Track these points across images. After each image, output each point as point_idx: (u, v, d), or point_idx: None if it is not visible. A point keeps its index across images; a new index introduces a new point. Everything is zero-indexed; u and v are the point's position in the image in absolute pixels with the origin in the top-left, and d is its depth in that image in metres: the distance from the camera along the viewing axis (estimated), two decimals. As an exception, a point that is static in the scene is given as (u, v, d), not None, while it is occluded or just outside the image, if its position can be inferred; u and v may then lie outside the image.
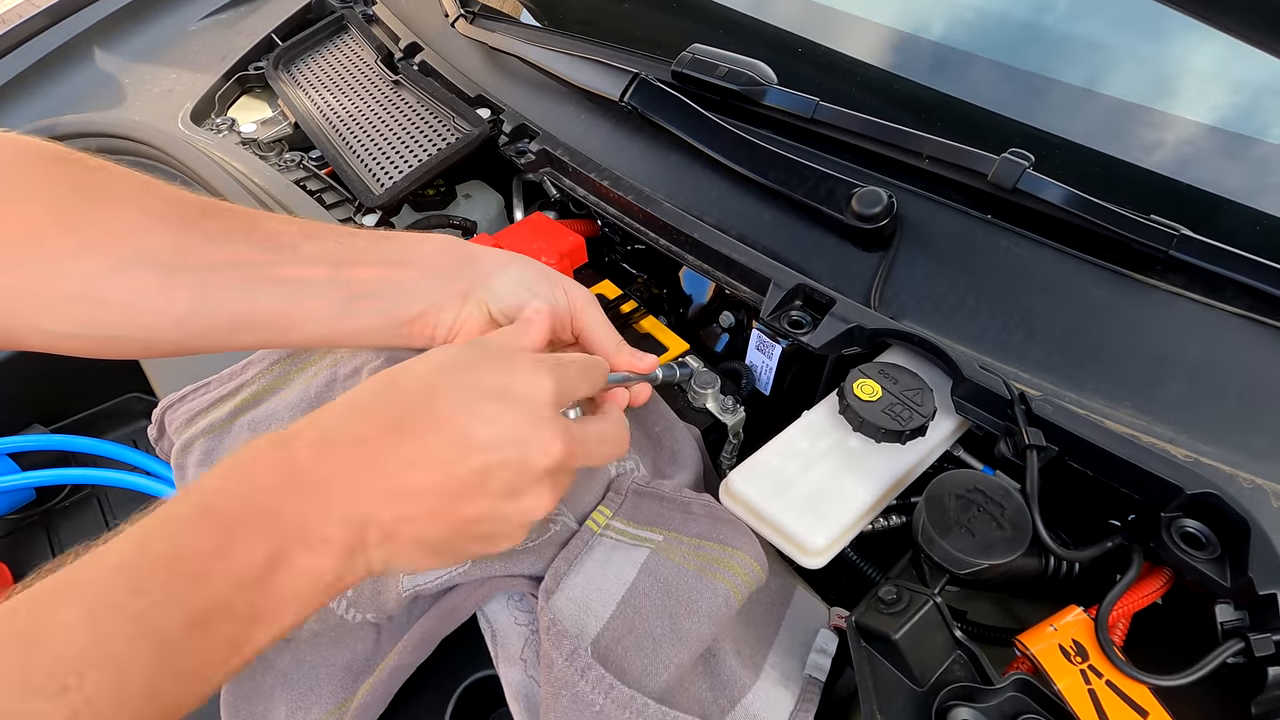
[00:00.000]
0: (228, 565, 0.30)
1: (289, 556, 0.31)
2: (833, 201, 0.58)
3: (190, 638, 0.28)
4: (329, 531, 0.32)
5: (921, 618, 0.42)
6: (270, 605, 0.31)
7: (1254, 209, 0.52)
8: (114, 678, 0.26)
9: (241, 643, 0.30)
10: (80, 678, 0.26)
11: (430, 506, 0.34)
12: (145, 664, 0.27)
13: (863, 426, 0.49)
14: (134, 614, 0.27)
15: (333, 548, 0.32)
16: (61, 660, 0.26)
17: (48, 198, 0.40)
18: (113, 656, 0.27)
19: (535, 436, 0.36)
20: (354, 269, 0.46)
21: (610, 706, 0.35)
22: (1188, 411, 0.47)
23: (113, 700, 0.26)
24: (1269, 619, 0.39)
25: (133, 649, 0.27)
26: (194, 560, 0.29)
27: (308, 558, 0.31)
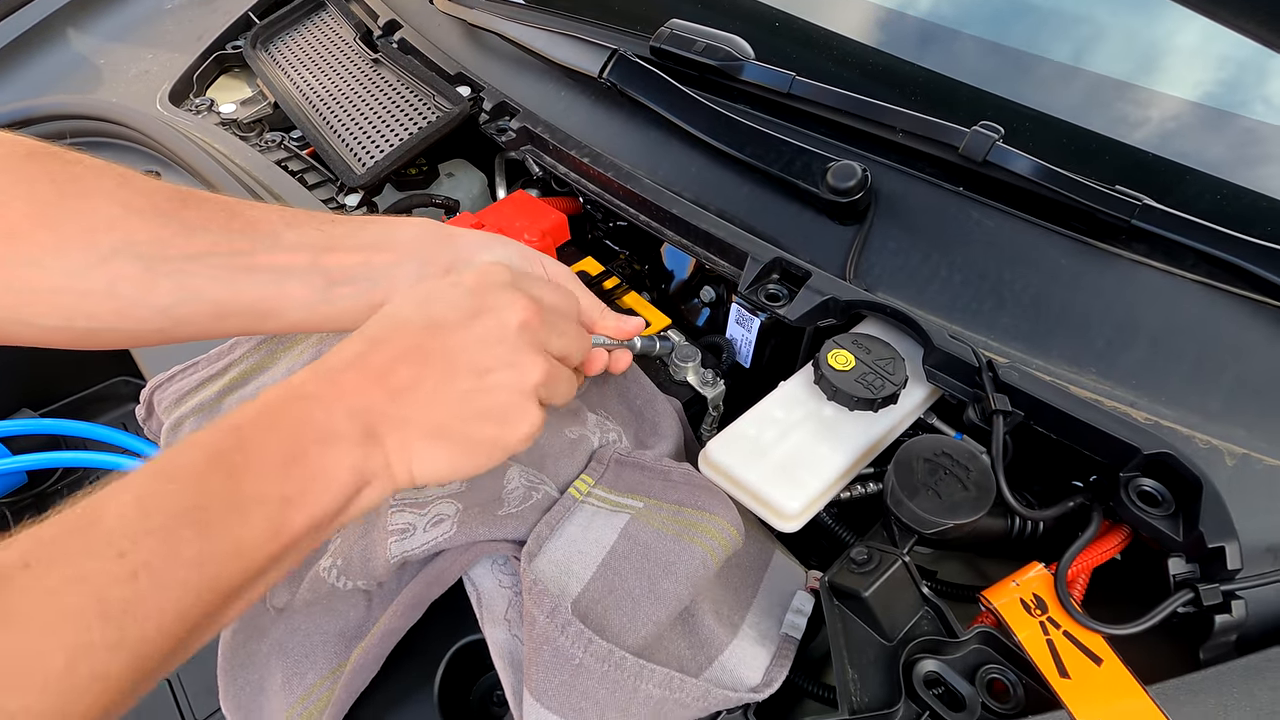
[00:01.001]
0: (248, 461, 0.33)
1: (304, 451, 0.34)
2: (809, 176, 0.59)
3: (229, 520, 0.31)
4: (336, 425, 0.36)
5: (890, 576, 0.44)
6: (299, 492, 0.34)
7: (1215, 177, 0.53)
8: (165, 547, 0.30)
9: (280, 526, 0.33)
10: (135, 544, 0.29)
11: (425, 391, 0.38)
12: (191, 540, 0.30)
13: (836, 395, 0.51)
14: (175, 501, 0.31)
15: (346, 439, 0.36)
16: (116, 533, 0.29)
17: (25, 194, 0.40)
18: (161, 530, 0.30)
19: (496, 301, 0.40)
20: (334, 255, 0.46)
21: (589, 660, 0.37)
22: (1148, 376, 0.49)
23: (166, 565, 0.29)
24: (1217, 570, 0.41)
25: (178, 525, 0.30)
26: (219, 460, 0.33)
27: (322, 450, 0.35)
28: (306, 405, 0.36)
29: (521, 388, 0.40)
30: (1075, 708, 0.38)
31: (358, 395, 0.37)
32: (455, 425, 0.39)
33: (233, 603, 0.33)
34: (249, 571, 0.32)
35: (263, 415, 0.35)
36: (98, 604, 0.28)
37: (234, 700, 0.50)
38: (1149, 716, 0.37)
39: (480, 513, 0.45)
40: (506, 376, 0.40)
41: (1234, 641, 0.41)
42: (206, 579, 0.31)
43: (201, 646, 0.33)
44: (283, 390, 0.37)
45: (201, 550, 0.30)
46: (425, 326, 0.40)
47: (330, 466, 0.35)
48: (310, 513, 0.34)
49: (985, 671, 0.42)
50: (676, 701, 0.39)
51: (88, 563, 0.28)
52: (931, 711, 0.40)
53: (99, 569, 0.28)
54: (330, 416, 0.36)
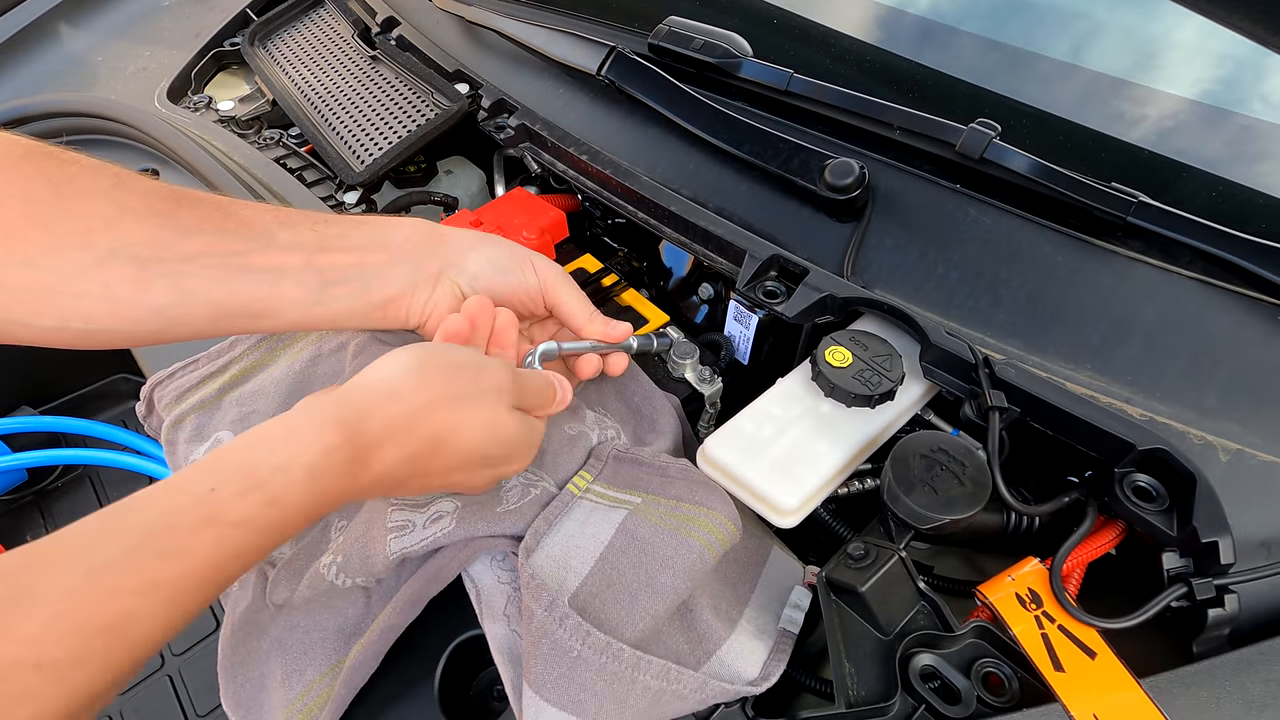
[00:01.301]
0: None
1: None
2: (806, 173, 0.59)
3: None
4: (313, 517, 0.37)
5: (887, 571, 0.45)
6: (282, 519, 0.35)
7: (1212, 174, 0.54)
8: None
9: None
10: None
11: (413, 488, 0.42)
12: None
13: (834, 392, 0.51)
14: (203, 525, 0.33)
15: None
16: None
17: (21, 194, 0.40)
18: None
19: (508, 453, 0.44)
20: (328, 255, 0.47)
21: (587, 652, 0.37)
22: (1144, 372, 0.49)
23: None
24: (1210, 565, 0.41)
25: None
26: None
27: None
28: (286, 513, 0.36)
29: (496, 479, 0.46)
30: (1069, 701, 0.38)
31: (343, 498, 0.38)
32: (425, 491, 0.45)
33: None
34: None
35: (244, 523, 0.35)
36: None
37: (234, 697, 0.50)
38: (1142, 709, 0.38)
39: (479, 509, 0.45)
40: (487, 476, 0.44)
41: (1227, 635, 0.41)
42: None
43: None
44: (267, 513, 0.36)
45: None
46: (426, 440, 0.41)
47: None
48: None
49: (981, 665, 0.42)
50: (674, 694, 0.39)
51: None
52: (927, 705, 0.41)
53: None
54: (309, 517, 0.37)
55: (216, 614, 0.83)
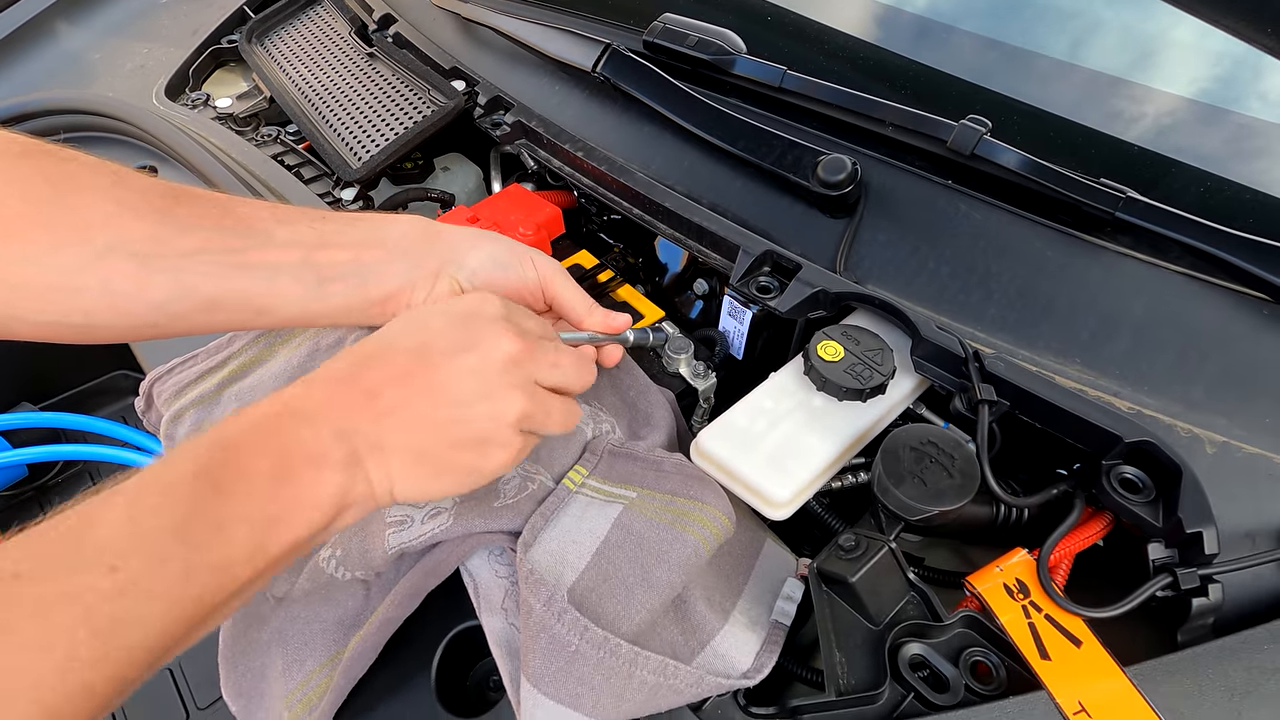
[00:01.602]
0: (237, 478, 0.34)
1: (292, 471, 0.35)
2: (799, 169, 0.60)
3: (216, 538, 0.32)
4: (322, 447, 0.36)
5: (877, 562, 0.45)
6: (284, 513, 0.35)
7: (1200, 170, 0.54)
8: (153, 564, 0.30)
9: (262, 545, 0.34)
10: (124, 559, 0.30)
11: (408, 416, 0.39)
12: (178, 555, 0.31)
13: (826, 386, 0.52)
14: (165, 516, 0.31)
15: (330, 460, 0.36)
16: (108, 547, 0.30)
17: (19, 192, 0.41)
18: (150, 547, 0.31)
19: (484, 334, 0.41)
20: (326, 252, 0.47)
21: (585, 647, 0.38)
22: (1132, 366, 0.50)
23: (154, 581, 0.30)
24: (1195, 555, 0.42)
25: (167, 541, 0.31)
26: (209, 476, 0.33)
27: (307, 471, 0.36)
28: (296, 424, 0.37)
29: (501, 420, 0.41)
30: (1055, 688, 0.39)
31: (345, 415, 0.38)
32: (435, 451, 0.40)
33: (213, 616, 0.33)
34: (231, 587, 0.33)
35: (254, 431, 0.36)
36: (87, 619, 0.28)
37: (234, 687, 0.50)
38: (1126, 696, 0.38)
39: (476, 504, 0.46)
40: (486, 409, 0.41)
41: (1211, 624, 0.42)
42: (191, 594, 0.31)
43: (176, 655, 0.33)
44: (275, 405, 0.37)
45: (188, 566, 0.31)
46: (414, 352, 0.41)
47: (316, 489, 0.36)
48: (294, 533, 0.35)
49: (969, 654, 0.43)
50: (670, 688, 0.40)
51: (78, 577, 0.29)
52: (916, 693, 0.41)
53: (89, 584, 0.29)
54: (318, 437, 0.37)
55: (217, 608, 0.83)
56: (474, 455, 0.41)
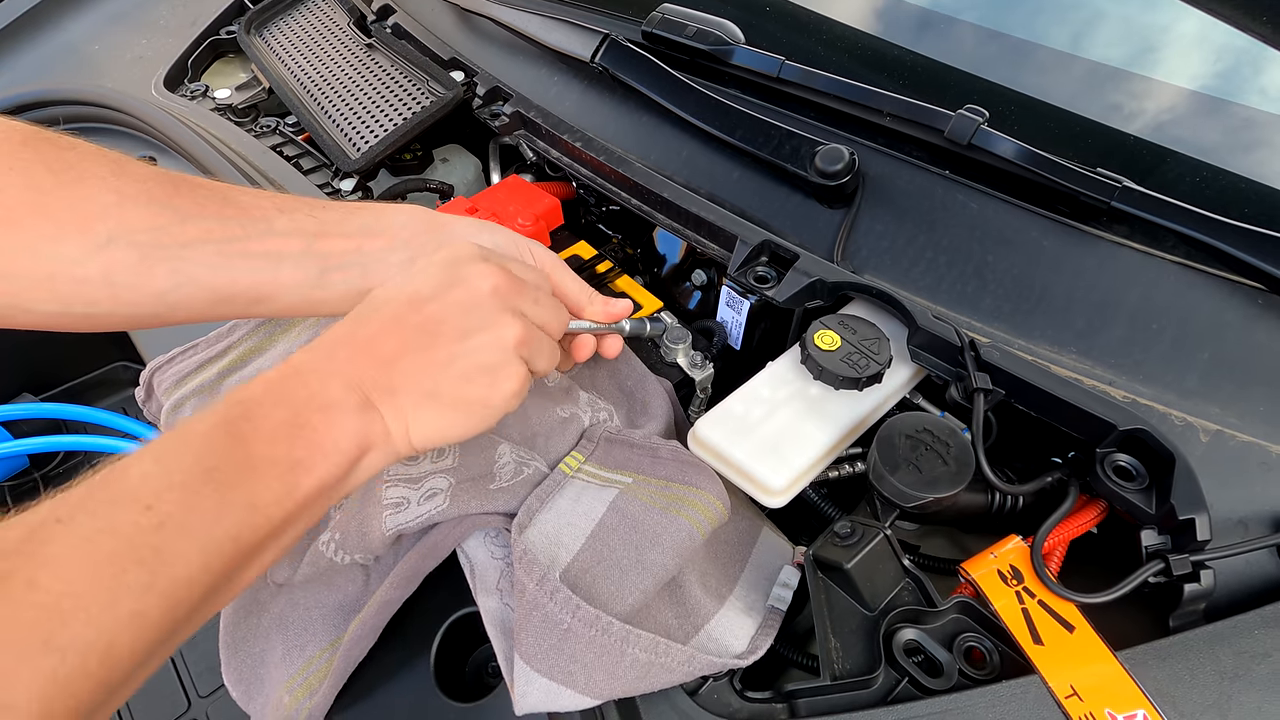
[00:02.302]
0: (258, 429, 0.35)
1: (308, 419, 0.37)
2: (797, 159, 0.60)
3: (243, 480, 0.34)
4: (333, 396, 0.38)
5: (873, 549, 0.46)
6: (306, 456, 0.36)
7: (1195, 160, 0.54)
8: (185, 500, 0.32)
9: (291, 487, 0.35)
10: (158, 498, 0.31)
11: (410, 359, 0.40)
12: (210, 495, 0.32)
13: (822, 375, 0.52)
14: (192, 461, 0.33)
15: (343, 407, 0.38)
16: (141, 489, 0.31)
17: (21, 181, 0.41)
18: (181, 485, 0.32)
19: (468, 272, 0.43)
20: (327, 241, 0.47)
21: (577, 625, 0.38)
22: (1127, 355, 0.50)
23: (188, 518, 0.31)
24: (1188, 542, 0.42)
25: (197, 483, 0.32)
26: (229, 427, 0.35)
27: (324, 418, 0.37)
28: (304, 379, 0.38)
29: (501, 346, 0.42)
30: (1047, 673, 0.40)
31: (350, 367, 0.39)
32: (444, 388, 0.41)
33: (254, 559, 0.35)
34: (265, 528, 0.34)
35: (265, 390, 0.37)
36: (130, 549, 0.30)
37: (236, 673, 0.51)
38: (1118, 680, 0.39)
39: (472, 486, 0.46)
40: (486, 337, 0.42)
41: (1203, 610, 0.42)
42: (227, 532, 0.33)
43: (229, 601, 0.35)
44: (282, 369, 0.39)
45: (220, 505, 0.33)
46: (404, 301, 0.42)
47: (334, 433, 0.37)
48: (319, 475, 0.36)
49: (963, 640, 0.43)
50: (663, 666, 0.40)
51: (116, 514, 0.30)
52: (910, 678, 0.42)
53: (127, 520, 0.30)
54: (327, 388, 0.38)
55: (217, 597, 0.84)
56: (483, 386, 0.42)
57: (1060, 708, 0.38)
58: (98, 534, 0.29)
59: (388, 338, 0.40)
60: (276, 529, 0.35)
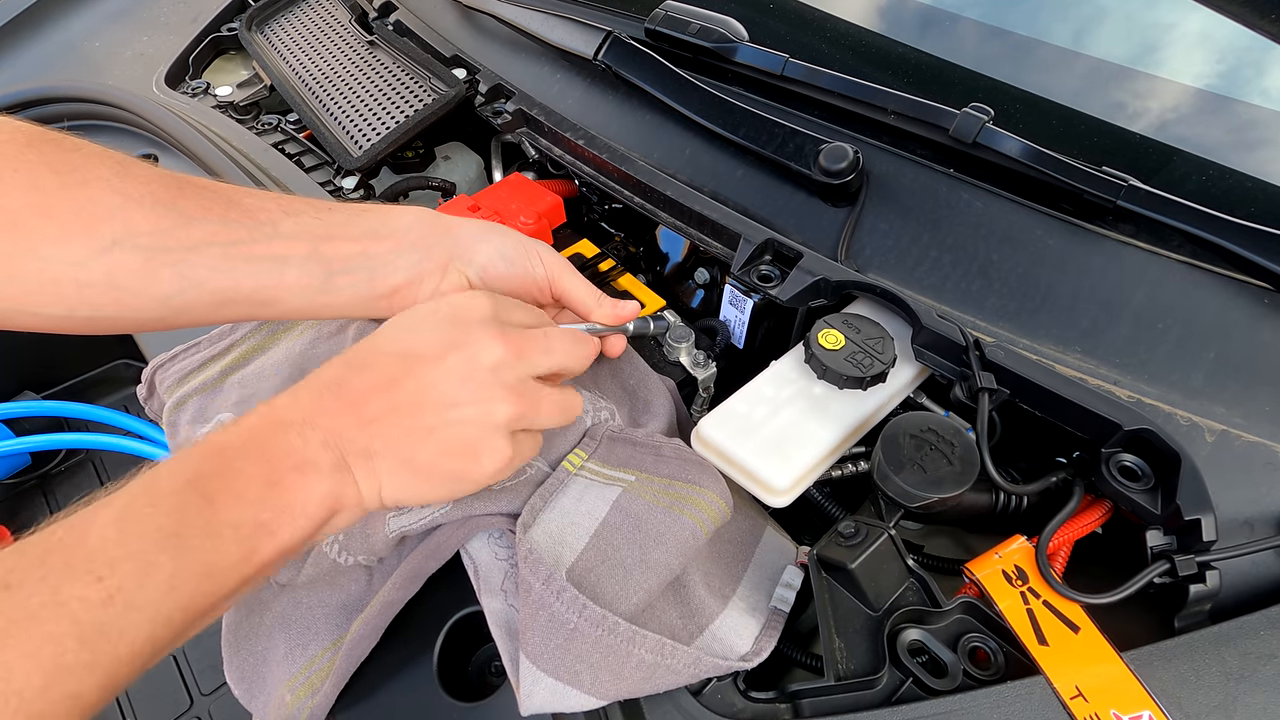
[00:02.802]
0: (230, 486, 0.34)
1: (281, 479, 0.35)
2: (801, 158, 0.59)
3: (204, 546, 0.33)
4: (311, 454, 0.37)
5: (877, 549, 0.45)
6: (273, 520, 0.35)
7: (1201, 159, 0.54)
8: (140, 571, 0.31)
9: (251, 551, 0.34)
10: (112, 569, 0.30)
11: (394, 423, 0.39)
12: (166, 562, 0.31)
13: (826, 374, 0.52)
14: (153, 525, 0.32)
15: (319, 468, 0.37)
16: (96, 556, 0.30)
17: (26, 183, 0.41)
18: (138, 554, 0.31)
19: (472, 337, 0.41)
20: (333, 244, 0.47)
21: (584, 625, 0.38)
22: (1132, 354, 0.50)
23: (140, 589, 0.31)
24: (1193, 542, 0.42)
25: (154, 549, 0.31)
26: (200, 485, 0.34)
27: (298, 478, 0.36)
28: (285, 433, 0.37)
29: (488, 424, 0.40)
30: (1052, 673, 0.39)
31: (332, 422, 0.38)
32: (421, 458, 0.40)
33: (199, 622, 0.34)
34: (218, 594, 0.34)
35: (245, 441, 0.36)
36: (75, 627, 0.29)
37: (238, 671, 0.51)
38: (1123, 681, 0.39)
39: None
40: (473, 411, 0.40)
41: (1208, 611, 0.42)
42: (178, 602, 0.32)
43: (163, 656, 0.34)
44: (265, 415, 0.38)
45: (175, 574, 0.32)
46: (400, 358, 0.40)
47: (304, 495, 0.36)
48: (282, 539, 0.36)
49: (967, 640, 0.43)
50: (668, 668, 0.40)
51: (66, 587, 0.29)
52: (914, 678, 0.42)
53: (76, 593, 0.29)
54: (306, 445, 0.37)
55: (219, 595, 0.84)
56: (463, 462, 0.40)
57: (1065, 709, 0.38)
58: (42, 609, 0.28)
59: (374, 396, 0.39)
60: (229, 593, 0.34)
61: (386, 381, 0.39)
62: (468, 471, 0.41)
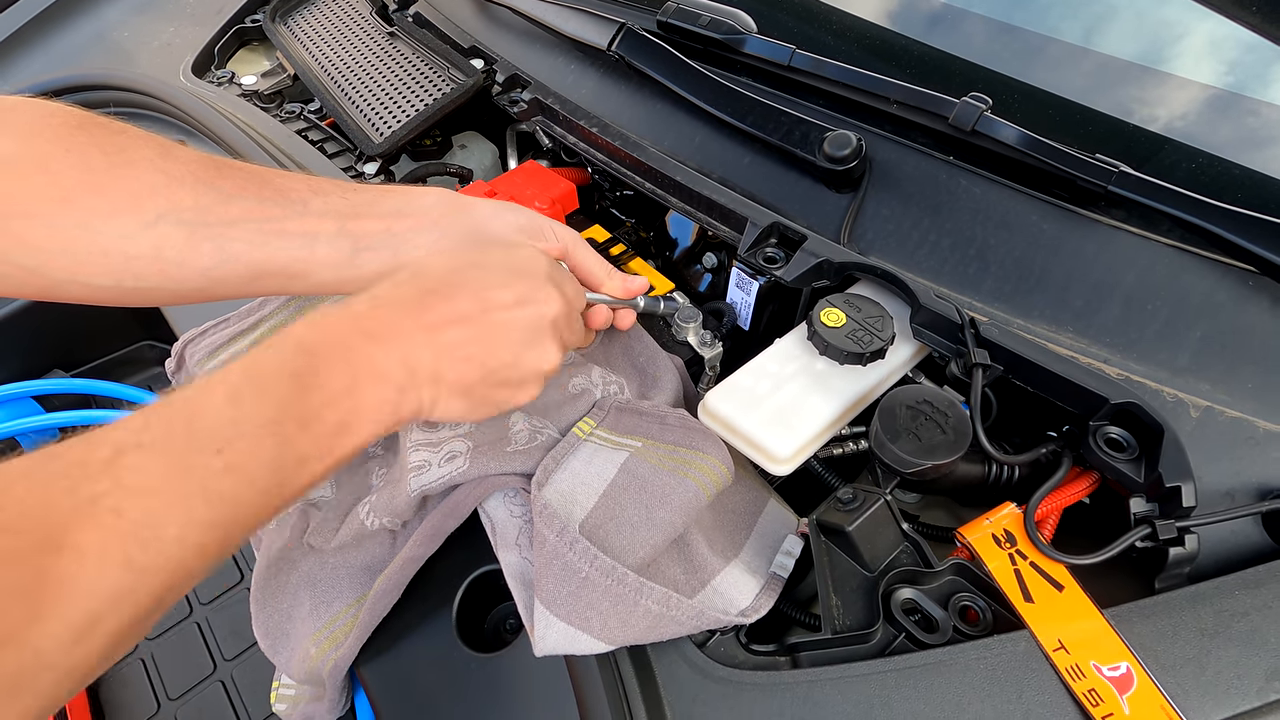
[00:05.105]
0: (321, 384, 0.38)
1: (360, 384, 0.39)
2: (806, 145, 0.62)
3: (299, 436, 0.36)
4: (388, 369, 0.40)
5: (873, 514, 0.48)
6: (349, 420, 0.39)
7: (1190, 146, 0.56)
8: (251, 449, 0.35)
9: (333, 446, 0.38)
10: (229, 444, 0.34)
11: (465, 354, 0.43)
12: (271, 445, 0.35)
13: (827, 350, 0.54)
14: (261, 410, 0.35)
15: (391, 381, 0.40)
16: (215, 432, 0.34)
17: (77, 163, 0.44)
18: (249, 434, 0.35)
19: (541, 295, 0.46)
20: (359, 222, 0.50)
21: (595, 574, 0.41)
22: (1122, 334, 0.52)
23: (250, 465, 0.34)
24: (1174, 508, 0.44)
25: (262, 434, 0.35)
26: (297, 380, 0.37)
27: (373, 386, 0.40)
28: (368, 344, 0.40)
29: (538, 370, 0.46)
30: (1037, 628, 0.42)
31: (409, 344, 0.41)
32: (479, 388, 0.44)
33: (285, 505, 0.37)
34: (305, 481, 0.37)
35: (332, 344, 0.39)
36: (201, 490, 0.33)
37: (264, 626, 0.54)
38: (1103, 635, 0.41)
39: (490, 449, 0.49)
40: (531, 358, 0.46)
41: (1187, 574, 0.44)
42: (276, 481, 0.36)
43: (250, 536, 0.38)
44: (347, 320, 0.41)
45: (277, 457, 0.36)
46: (477, 297, 0.44)
47: (379, 400, 0.40)
48: (355, 441, 0.39)
49: (958, 599, 0.46)
50: (672, 618, 0.43)
51: (192, 456, 0.33)
52: (907, 633, 0.44)
53: (202, 462, 0.33)
54: (388, 359, 0.40)
55: (241, 567, 0.87)
56: (508, 393, 0.46)
57: (1048, 659, 0.41)
58: (176, 471, 0.32)
59: (451, 328, 0.42)
60: (313, 480, 0.38)
61: (462, 317, 0.43)
62: (510, 400, 0.46)
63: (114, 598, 0.30)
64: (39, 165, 0.43)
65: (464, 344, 0.43)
